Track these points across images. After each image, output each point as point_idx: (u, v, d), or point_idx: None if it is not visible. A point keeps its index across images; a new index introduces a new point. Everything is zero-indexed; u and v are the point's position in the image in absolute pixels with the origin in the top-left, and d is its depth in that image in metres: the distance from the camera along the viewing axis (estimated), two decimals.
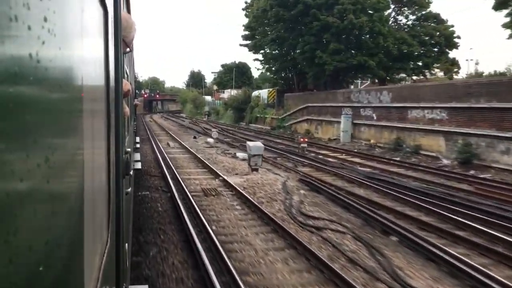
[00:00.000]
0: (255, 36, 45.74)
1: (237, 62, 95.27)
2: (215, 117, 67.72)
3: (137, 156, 6.12)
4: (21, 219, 0.54)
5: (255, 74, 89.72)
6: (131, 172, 3.19)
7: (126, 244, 2.84)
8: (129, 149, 2.98)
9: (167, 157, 18.99)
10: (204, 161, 17.97)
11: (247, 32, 46.99)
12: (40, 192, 0.64)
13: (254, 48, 46.46)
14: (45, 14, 0.64)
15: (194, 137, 31.63)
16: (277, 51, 44.00)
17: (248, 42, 47.25)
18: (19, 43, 0.53)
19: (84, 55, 1.06)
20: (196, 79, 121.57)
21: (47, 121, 0.68)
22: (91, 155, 1.19)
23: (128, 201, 4.08)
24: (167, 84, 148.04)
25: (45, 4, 0.64)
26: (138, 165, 5.41)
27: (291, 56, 42.85)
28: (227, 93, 75.48)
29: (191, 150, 22.36)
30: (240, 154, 20.19)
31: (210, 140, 28.92)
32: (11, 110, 0.51)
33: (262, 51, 46.43)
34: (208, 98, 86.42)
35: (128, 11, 5.05)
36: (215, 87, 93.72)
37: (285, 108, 41.65)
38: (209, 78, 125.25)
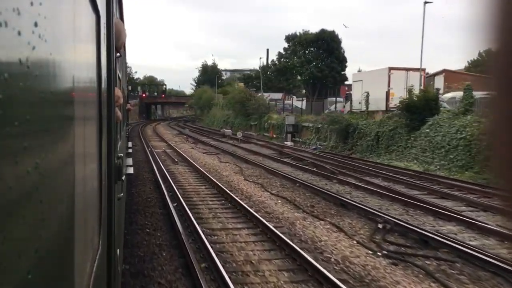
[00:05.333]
0: None
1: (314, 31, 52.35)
2: (332, 144, 26.32)
3: (130, 161, 6.09)
4: (9, 226, 0.54)
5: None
6: (123, 177, 3.17)
7: (118, 250, 2.82)
8: (121, 154, 2.97)
9: None
10: None
11: None
12: (30, 199, 0.63)
13: None
14: (35, 20, 0.64)
15: None
16: None
17: None
18: (9, 49, 0.53)
19: (76, 60, 1.06)
20: (210, 75, 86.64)
21: (37, 126, 0.68)
22: (83, 160, 1.19)
23: (120, 206, 4.05)
24: (167, 85, 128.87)
25: (35, 10, 0.64)
26: (131, 170, 5.37)
27: None
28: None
29: None
30: None
31: None
32: (1, 116, 0.51)
33: None
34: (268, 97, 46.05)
35: (121, 15, 5.05)
36: (239, 85, 59.56)
37: None
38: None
